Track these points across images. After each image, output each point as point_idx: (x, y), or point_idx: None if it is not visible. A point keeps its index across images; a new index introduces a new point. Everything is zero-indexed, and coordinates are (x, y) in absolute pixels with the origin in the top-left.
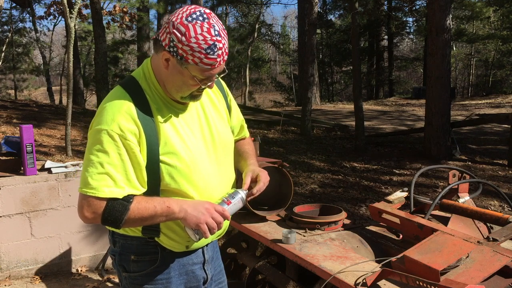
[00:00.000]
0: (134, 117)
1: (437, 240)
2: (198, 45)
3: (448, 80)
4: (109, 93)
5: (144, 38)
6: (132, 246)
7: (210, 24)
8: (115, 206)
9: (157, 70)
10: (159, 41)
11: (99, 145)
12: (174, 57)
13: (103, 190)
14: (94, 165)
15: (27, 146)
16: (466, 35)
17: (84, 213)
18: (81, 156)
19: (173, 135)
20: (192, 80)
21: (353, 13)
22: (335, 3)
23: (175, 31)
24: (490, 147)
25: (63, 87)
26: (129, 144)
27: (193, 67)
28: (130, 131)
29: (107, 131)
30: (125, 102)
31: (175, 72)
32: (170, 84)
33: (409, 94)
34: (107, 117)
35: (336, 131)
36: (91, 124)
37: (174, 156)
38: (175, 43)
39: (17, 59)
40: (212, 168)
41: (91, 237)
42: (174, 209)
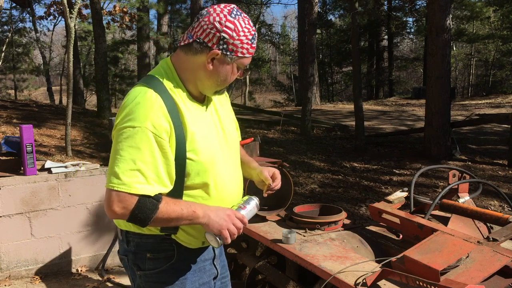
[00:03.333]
0: (166, 114)
1: (437, 240)
2: (245, 37)
3: (448, 80)
4: (133, 92)
5: (144, 38)
6: (147, 244)
7: (247, 17)
8: (146, 204)
9: (184, 69)
10: (202, 43)
11: (132, 142)
12: (223, 53)
13: (135, 186)
14: (126, 161)
15: (27, 146)
16: (466, 35)
17: (114, 208)
18: (81, 156)
19: (197, 132)
20: (235, 71)
21: (353, 13)
22: (335, 3)
23: (225, 29)
24: (490, 147)
25: (63, 87)
26: (161, 141)
27: (240, 58)
28: (163, 128)
29: (141, 128)
30: (156, 99)
31: (221, 68)
32: (210, 81)
33: (409, 94)
34: (140, 114)
35: (336, 131)
36: (118, 121)
37: (198, 152)
38: (226, 40)
39: (17, 59)
40: (227, 166)
41: (91, 237)
42: (198, 214)
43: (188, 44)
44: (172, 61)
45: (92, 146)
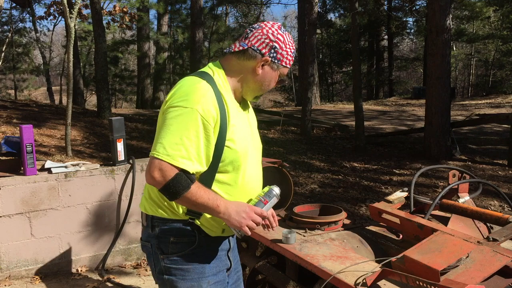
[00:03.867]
0: (215, 104)
1: (437, 240)
2: (290, 50)
3: (448, 80)
4: (187, 79)
5: (144, 38)
6: (172, 229)
7: (289, 33)
8: (181, 180)
9: (233, 72)
10: (256, 50)
11: (182, 120)
12: (272, 61)
13: (177, 159)
14: (174, 136)
15: (27, 146)
16: (466, 35)
17: (154, 174)
18: (81, 156)
19: (236, 125)
20: (276, 79)
21: (353, 13)
22: (335, 3)
23: (277, 40)
24: (490, 147)
25: (63, 87)
26: (207, 125)
27: (283, 67)
28: (211, 115)
29: (192, 110)
30: (208, 89)
31: (267, 73)
32: (255, 85)
33: (409, 94)
34: (193, 98)
35: (336, 131)
36: (172, 100)
37: (235, 143)
38: (277, 49)
39: (17, 59)
40: (253, 163)
41: (91, 237)
42: (220, 209)
43: (242, 50)
44: (221, 63)
45: (92, 146)
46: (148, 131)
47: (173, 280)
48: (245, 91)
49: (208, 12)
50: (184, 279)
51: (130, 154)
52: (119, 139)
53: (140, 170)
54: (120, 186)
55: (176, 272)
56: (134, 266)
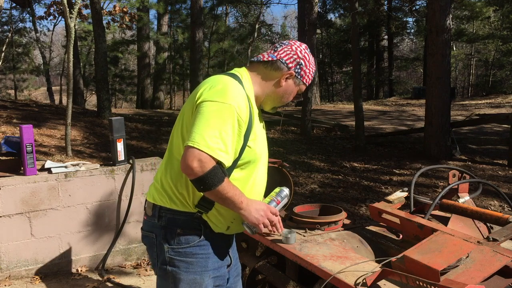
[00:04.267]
0: (246, 102)
1: (437, 240)
2: (312, 69)
3: (448, 80)
4: (221, 78)
5: (144, 38)
6: (179, 221)
7: (313, 57)
8: (218, 173)
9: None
10: (284, 63)
11: (220, 114)
12: (296, 76)
13: (216, 151)
14: (213, 129)
15: (27, 146)
16: (466, 35)
17: (192, 163)
18: (81, 156)
19: (257, 128)
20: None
21: (353, 13)
22: (335, 3)
23: (303, 57)
24: (490, 147)
25: (63, 87)
26: (241, 122)
27: (302, 84)
28: (244, 113)
29: (231, 106)
30: (241, 88)
31: (289, 87)
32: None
33: (409, 94)
34: (231, 95)
35: (336, 131)
36: (206, 95)
37: (255, 143)
38: (302, 66)
39: (17, 59)
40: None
41: (91, 237)
42: (243, 206)
43: (271, 61)
44: (248, 70)
45: (92, 146)
46: (148, 131)
47: (176, 272)
48: (266, 100)
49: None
50: (187, 271)
51: (130, 154)
52: (119, 139)
53: (140, 170)
54: (120, 186)
55: (180, 264)
56: (134, 266)
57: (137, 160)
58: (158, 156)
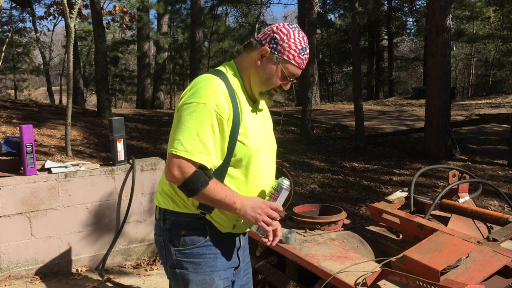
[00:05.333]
0: (227, 98)
1: (437, 240)
2: (295, 45)
3: (448, 80)
4: (200, 77)
5: (144, 38)
6: (183, 222)
7: (303, 34)
8: (199, 177)
9: (243, 66)
10: (258, 41)
11: (196, 116)
12: (271, 52)
13: (196, 154)
14: (190, 132)
15: (27, 146)
16: (466, 35)
17: (173, 171)
18: (81, 156)
19: (249, 121)
20: (280, 75)
21: (353, 13)
22: (335, 3)
23: (279, 32)
24: (490, 147)
25: (63, 87)
26: (221, 119)
27: (286, 62)
28: (224, 109)
29: (206, 105)
30: (220, 84)
31: (268, 65)
32: (256, 77)
33: (409, 94)
34: (206, 93)
35: (336, 131)
36: (185, 98)
37: (248, 138)
38: (277, 41)
39: (17, 59)
40: (266, 161)
41: (91, 237)
42: (237, 206)
43: (248, 42)
44: (235, 61)
45: (92, 146)
46: (148, 131)
47: (185, 274)
48: (252, 86)
49: (208, 12)
50: (196, 272)
51: (130, 154)
52: (119, 139)
53: (140, 170)
54: (120, 186)
55: (187, 266)
56: (134, 266)
57: (137, 160)
58: (158, 156)
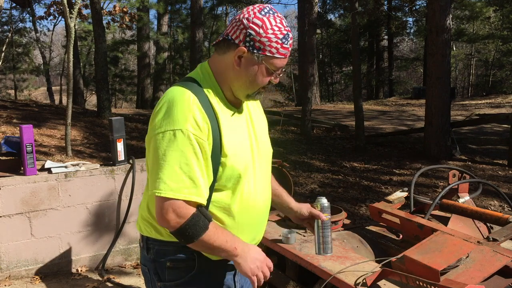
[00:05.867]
0: (204, 115)
1: (437, 240)
2: (275, 36)
3: (448, 80)
4: (169, 92)
5: (144, 38)
6: (168, 252)
7: (281, 17)
8: (199, 220)
9: (219, 71)
10: (230, 40)
11: (175, 146)
12: (249, 51)
13: (183, 191)
14: (171, 167)
15: (27, 146)
16: (466, 35)
17: (167, 216)
18: (81, 156)
19: (231, 136)
20: (265, 72)
21: (353, 13)
22: (335, 3)
23: (252, 25)
24: (490, 147)
25: (63, 87)
26: (202, 143)
27: (269, 58)
28: (202, 129)
29: (182, 131)
30: (193, 101)
31: (249, 67)
32: (239, 82)
33: (409, 94)
34: (178, 116)
35: (336, 131)
36: (154, 125)
37: (231, 158)
38: (253, 37)
39: (17, 59)
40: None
41: (91, 237)
42: (238, 252)
43: (218, 42)
44: (209, 63)
45: (92, 146)
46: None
47: None
48: (234, 90)
49: (208, 12)
50: None
51: (130, 154)
52: (119, 139)
53: (140, 170)
54: (120, 186)
55: None
56: (134, 266)
57: (137, 160)
58: None
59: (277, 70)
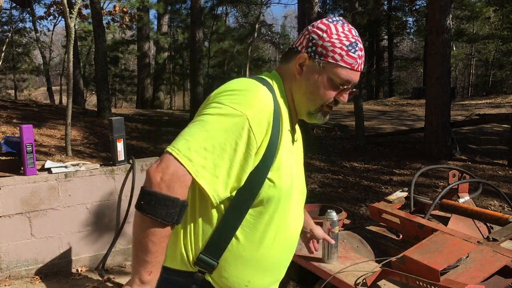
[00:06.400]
0: (271, 113)
1: (437, 240)
2: (339, 41)
3: (448, 80)
4: (244, 79)
5: (144, 38)
6: (175, 283)
7: (350, 27)
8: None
9: (285, 79)
10: (294, 48)
11: (223, 122)
12: (311, 58)
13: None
14: (206, 138)
15: (27, 146)
16: (466, 35)
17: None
18: (81, 156)
19: (286, 153)
20: (328, 84)
21: (353, 13)
22: (335, 3)
23: (316, 30)
24: (490, 147)
25: (63, 87)
26: (252, 142)
27: (332, 66)
28: (262, 129)
29: (240, 114)
30: (269, 97)
31: (310, 76)
32: (299, 94)
33: (409, 94)
34: (247, 101)
35: (336, 131)
36: (217, 96)
37: (280, 174)
38: (315, 41)
39: (17, 59)
40: (294, 209)
41: (91, 237)
42: (147, 278)
43: (285, 51)
44: (278, 71)
45: (92, 146)
46: (148, 131)
47: None
48: (297, 106)
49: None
50: None
51: (130, 154)
52: (119, 139)
53: (140, 170)
54: (120, 186)
55: None
56: None
57: (137, 160)
58: (158, 156)
59: (343, 84)
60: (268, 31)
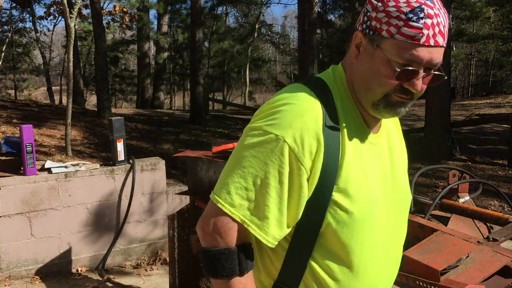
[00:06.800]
0: (319, 128)
1: (437, 240)
2: (396, 8)
3: (448, 80)
4: (287, 88)
5: (144, 38)
6: None
7: None
8: (226, 260)
9: (347, 69)
10: (355, 28)
11: (260, 152)
12: (366, 35)
13: (241, 213)
14: (244, 176)
15: (27, 146)
16: (466, 35)
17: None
18: (81, 156)
19: (357, 168)
20: (385, 66)
21: (353, 13)
22: (335, 3)
23: (371, 1)
24: (490, 147)
25: (63, 87)
26: (299, 166)
27: (388, 42)
28: (308, 147)
29: (277, 139)
30: (312, 105)
31: (365, 57)
32: (357, 82)
33: None
34: (284, 119)
35: None
36: (257, 118)
37: (349, 197)
38: (369, 14)
39: (17, 59)
40: (384, 229)
41: (91, 237)
42: None
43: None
44: (342, 65)
45: (92, 146)
46: (148, 131)
47: None
48: (359, 98)
49: (208, 12)
50: None
51: (130, 154)
52: (119, 139)
53: (140, 170)
54: (120, 186)
55: None
56: (134, 266)
57: (137, 160)
58: (158, 156)
59: (407, 64)
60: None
